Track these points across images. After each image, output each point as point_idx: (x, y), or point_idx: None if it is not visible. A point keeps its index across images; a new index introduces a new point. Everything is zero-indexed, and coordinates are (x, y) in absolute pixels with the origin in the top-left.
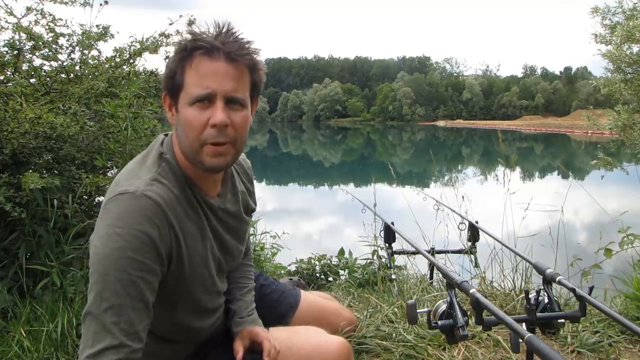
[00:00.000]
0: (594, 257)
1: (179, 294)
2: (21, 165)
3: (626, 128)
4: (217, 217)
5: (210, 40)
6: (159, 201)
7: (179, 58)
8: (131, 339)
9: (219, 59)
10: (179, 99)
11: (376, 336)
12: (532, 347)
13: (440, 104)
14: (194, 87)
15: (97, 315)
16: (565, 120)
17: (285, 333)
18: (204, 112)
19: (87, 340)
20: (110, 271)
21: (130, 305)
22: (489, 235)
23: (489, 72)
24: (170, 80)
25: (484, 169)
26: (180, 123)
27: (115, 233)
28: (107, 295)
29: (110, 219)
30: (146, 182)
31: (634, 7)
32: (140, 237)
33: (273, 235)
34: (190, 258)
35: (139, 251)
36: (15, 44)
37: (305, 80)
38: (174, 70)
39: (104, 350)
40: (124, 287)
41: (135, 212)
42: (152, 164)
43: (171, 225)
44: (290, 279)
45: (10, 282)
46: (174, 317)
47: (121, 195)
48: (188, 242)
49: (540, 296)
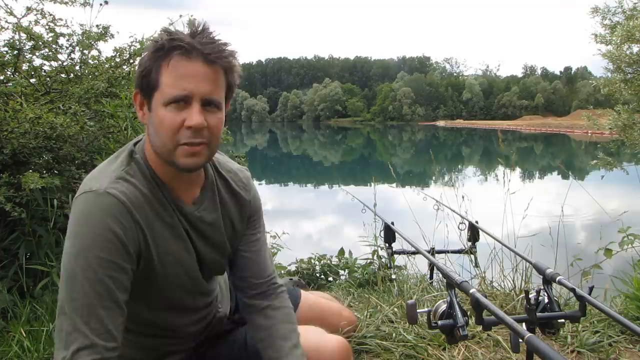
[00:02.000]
0: (594, 257)
1: (152, 293)
2: (21, 165)
3: (626, 128)
4: (191, 223)
5: (189, 40)
6: (122, 199)
7: (155, 57)
8: (103, 338)
9: (196, 60)
10: (152, 98)
11: (376, 336)
12: (532, 347)
13: (440, 104)
14: (170, 88)
15: (69, 315)
16: (565, 120)
17: None
18: (179, 113)
19: (60, 341)
20: (77, 270)
21: (100, 304)
22: (489, 235)
23: (489, 72)
24: (144, 79)
25: (484, 169)
26: (154, 123)
27: (81, 232)
28: (75, 295)
29: (75, 219)
30: (111, 180)
31: (634, 7)
32: (105, 235)
33: (273, 235)
34: (160, 257)
35: (105, 249)
36: (15, 44)
37: (305, 80)
38: (149, 68)
39: (77, 351)
40: (92, 286)
41: (97, 211)
42: (120, 163)
43: (137, 223)
44: (291, 279)
45: (10, 282)
46: (149, 314)
47: (85, 194)
48: (158, 241)
49: (540, 296)
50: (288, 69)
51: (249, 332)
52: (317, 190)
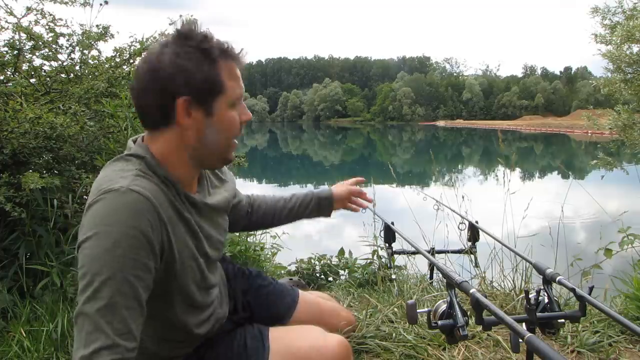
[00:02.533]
0: (594, 257)
1: (173, 289)
2: (21, 165)
3: (626, 128)
4: (199, 211)
5: (225, 42)
6: (147, 194)
7: (209, 61)
8: (125, 338)
9: (237, 61)
10: (214, 102)
11: (376, 336)
12: (532, 347)
13: (440, 104)
14: (234, 90)
15: (90, 316)
16: (565, 120)
17: (284, 332)
18: (237, 112)
19: (80, 340)
20: (102, 270)
21: (124, 304)
22: (489, 235)
23: (489, 72)
24: (204, 84)
25: (484, 169)
26: (218, 125)
27: (105, 232)
28: (100, 295)
29: (98, 219)
30: (130, 178)
31: (634, 7)
32: (133, 234)
33: (273, 235)
34: (180, 251)
35: (133, 248)
36: (15, 44)
37: (305, 80)
38: (207, 73)
39: (98, 351)
40: (118, 286)
41: (123, 208)
42: (132, 163)
43: (161, 218)
44: (290, 279)
45: (10, 282)
46: (171, 314)
47: (108, 194)
48: (177, 236)
49: (540, 296)
50: (288, 69)
51: (249, 332)
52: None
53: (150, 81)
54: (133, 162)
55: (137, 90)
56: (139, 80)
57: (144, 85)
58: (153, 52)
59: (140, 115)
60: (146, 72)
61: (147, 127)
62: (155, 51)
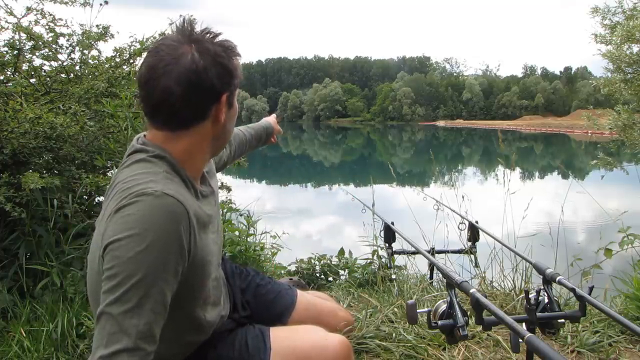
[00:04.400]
0: (594, 257)
1: (195, 287)
2: (21, 165)
3: (626, 128)
4: (209, 204)
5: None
6: (182, 199)
7: (233, 57)
8: (147, 341)
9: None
10: (234, 95)
11: (376, 336)
12: (532, 347)
13: (440, 104)
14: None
15: (115, 316)
16: (565, 120)
17: (284, 332)
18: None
19: (101, 339)
20: (134, 273)
21: (151, 308)
22: (489, 235)
23: (489, 72)
24: (236, 80)
25: (484, 169)
26: (231, 115)
27: (141, 235)
28: (129, 297)
29: (133, 221)
30: (162, 182)
31: (634, 7)
32: (167, 238)
33: (273, 235)
34: (202, 250)
35: (165, 253)
36: (15, 44)
37: (305, 80)
38: (237, 69)
39: (118, 352)
40: (148, 290)
41: (160, 213)
42: (155, 165)
43: (191, 223)
44: (291, 279)
45: (10, 282)
46: (189, 311)
47: (141, 197)
48: (201, 235)
49: (540, 296)
50: (288, 69)
51: (250, 332)
52: (317, 190)
53: (198, 80)
54: (157, 163)
55: (178, 91)
56: (180, 81)
57: (189, 85)
58: (179, 51)
59: (168, 117)
60: (189, 71)
61: (170, 128)
62: (181, 50)
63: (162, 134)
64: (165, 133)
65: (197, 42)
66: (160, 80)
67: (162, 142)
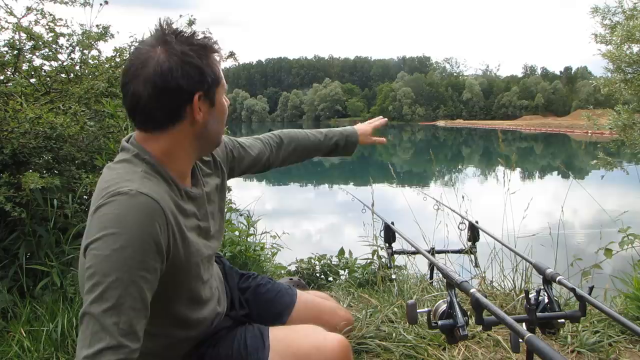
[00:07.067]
0: (594, 257)
1: (177, 285)
2: (21, 165)
3: (626, 128)
4: (198, 204)
5: (210, 36)
6: (156, 197)
7: (207, 56)
8: (129, 339)
9: (219, 53)
10: (215, 94)
11: (376, 336)
12: (532, 347)
13: (440, 104)
14: (223, 79)
15: (96, 316)
16: (565, 120)
17: (284, 331)
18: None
19: (84, 340)
20: (111, 272)
21: (131, 305)
22: (489, 235)
23: (489, 72)
24: (211, 78)
25: (484, 169)
26: (217, 114)
27: (115, 234)
28: (107, 296)
29: (107, 221)
30: (138, 181)
31: (634, 7)
32: (142, 237)
33: (273, 235)
34: (184, 248)
35: (141, 251)
36: (15, 44)
37: (305, 80)
38: (212, 67)
39: (102, 351)
40: (125, 288)
41: (134, 212)
42: (134, 165)
43: (168, 220)
44: (291, 279)
45: (10, 282)
46: (174, 310)
47: (115, 197)
48: (182, 232)
49: (540, 296)
50: (288, 69)
51: (249, 331)
52: (317, 190)
53: (163, 83)
54: (136, 163)
55: (146, 95)
56: (146, 85)
57: (155, 88)
58: (147, 55)
59: (144, 118)
60: (154, 75)
61: (148, 129)
62: (149, 54)
63: (143, 134)
64: (145, 134)
65: (166, 43)
66: (131, 85)
67: (143, 142)
